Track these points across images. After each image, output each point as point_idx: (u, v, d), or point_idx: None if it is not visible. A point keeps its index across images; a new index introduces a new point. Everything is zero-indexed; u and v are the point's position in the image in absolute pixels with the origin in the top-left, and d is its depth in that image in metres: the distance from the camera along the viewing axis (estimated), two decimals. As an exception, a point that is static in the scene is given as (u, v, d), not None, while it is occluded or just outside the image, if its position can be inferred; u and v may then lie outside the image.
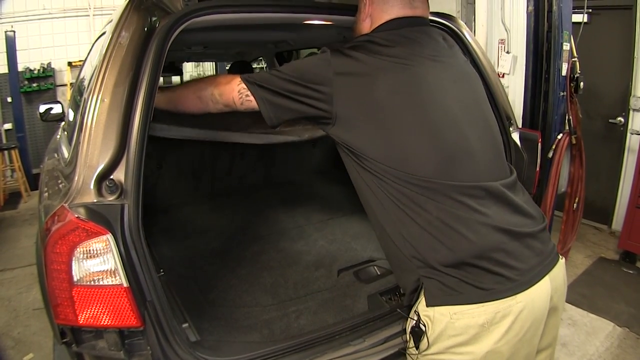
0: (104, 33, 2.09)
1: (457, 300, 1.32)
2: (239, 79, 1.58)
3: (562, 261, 1.49)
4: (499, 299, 1.31)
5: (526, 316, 1.33)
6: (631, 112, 4.50)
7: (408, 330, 1.45)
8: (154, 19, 1.60)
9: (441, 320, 1.33)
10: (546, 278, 1.39)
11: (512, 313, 1.31)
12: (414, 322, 1.40)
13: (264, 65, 6.26)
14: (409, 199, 1.37)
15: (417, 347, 1.41)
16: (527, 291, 1.33)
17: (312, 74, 1.48)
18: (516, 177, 1.56)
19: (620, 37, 4.56)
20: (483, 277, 1.32)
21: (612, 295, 3.68)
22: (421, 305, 1.38)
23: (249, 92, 1.55)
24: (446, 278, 1.33)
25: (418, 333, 1.39)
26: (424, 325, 1.37)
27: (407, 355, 1.49)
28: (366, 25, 1.67)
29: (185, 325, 1.73)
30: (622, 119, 4.58)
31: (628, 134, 4.54)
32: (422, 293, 1.38)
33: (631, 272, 4.12)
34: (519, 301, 1.31)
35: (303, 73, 1.49)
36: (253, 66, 5.51)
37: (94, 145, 1.41)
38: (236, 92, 1.58)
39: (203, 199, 3.47)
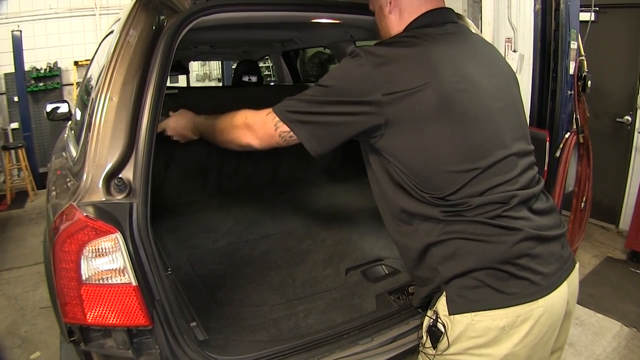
0: (111, 32, 2.09)
1: (480, 307, 1.31)
2: (275, 119, 1.45)
3: (577, 265, 1.48)
4: (522, 303, 1.30)
5: (545, 321, 1.33)
6: (638, 111, 4.48)
7: (425, 329, 1.43)
8: (162, 17, 1.59)
9: (462, 321, 1.32)
10: (565, 283, 1.39)
11: (532, 317, 1.30)
12: (432, 321, 1.39)
13: (271, 64, 6.25)
14: (444, 206, 1.34)
15: (434, 347, 1.40)
16: (548, 296, 1.33)
17: (354, 85, 1.34)
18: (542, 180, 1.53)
19: (627, 36, 4.54)
20: (508, 281, 1.31)
21: (619, 295, 3.66)
22: (440, 304, 1.37)
23: (291, 133, 1.43)
24: (470, 282, 1.32)
25: (436, 333, 1.38)
26: (443, 326, 1.36)
27: (422, 354, 1.47)
28: (394, 20, 1.55)
29: (193, 324, 1.73)
30: (630, 118, 4.56)
31: (635, 133, 4.52)
32: (442, 294, 1.37)
33: (638, 271, 4.09)
34: (540, 305, 1.31)
35: (344, 89, 1.36)
36: (259, 65, 5.50)
37: (103, 144, 1.41)
38: (277, 136, 1.46)
39: (210, 198, 3.48)
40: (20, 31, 6.89)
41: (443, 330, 1.36)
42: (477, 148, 1.34)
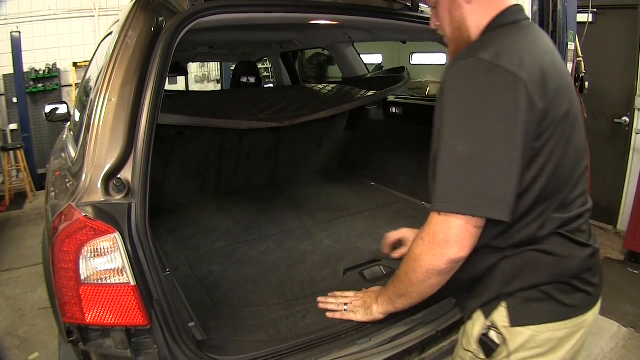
0: (110, 33, 2.10)
1: (545, 319, 1.31)
2: (457, 227, 1.20)
3: None
4: (580, 315, 1.33)
5: (590, 329, 1.38)
6: (636, 112, 4.49)
7: (476, 339, 1.40)
8: (160, 19, 1.60)
9: (524, 333, 1.32)
10: None
11: (584, 327, 1.35)
12: (485, 331, 1.37)
13: (269, 66, 6.26)
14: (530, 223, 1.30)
15: (487, 356, 1.38)
16: (596, 305, 1.38)
17: (523, 117, 1.14)
18: None
19: (625, 37, 4.55)
20: (571, 294, 1.33)
21: (617, 295, 3.67)
22: (499, 315, 1.35)
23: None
24: (536, 294, 1.32)
25: (490, 344, 1.36)
26: (501, 336, 1.34)
27: None
28: (474, 23, 1.34)
29: (191, 324, 1.73)
30: (627, 119, 4.57)
31: (633, 134, 4.53)
32: (501, 305, 1.35)
33: (636, 272, 4.10)
34: (591, 315, 1.35)
35: (516, 129, 1.14)
36: (258, 66, 5.52)
37: (102, 145, 1.42)
38: (467, 246, 1.23)
39: (209, 198, 3.48)
40: (19, 32, 6.89)
41: (498, 342, 1.35)
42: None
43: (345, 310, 1.76)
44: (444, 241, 1.23)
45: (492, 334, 1.35)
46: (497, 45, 1.20)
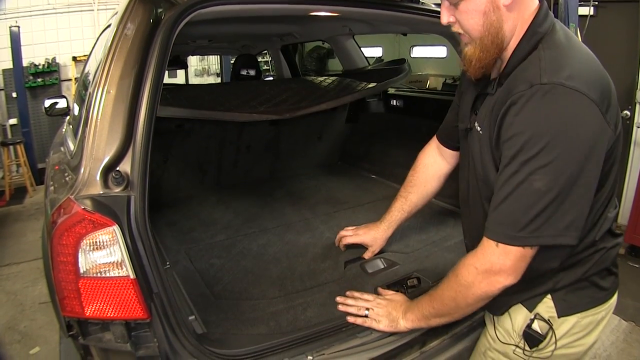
0: (109, 26, 2.08)
1: (589, 305, 1.36)
2: (516, 258, 1.21)
3: None
4: (612, 296, 1.42)
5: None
6: (637, 105, 4.48)
7: (519, 331, 1.42)
8: (159, 10, 1.59)
9: (570, 320, 1.36)
10: None
11: (613, 306, 1.43)
12: (529, 323, 1.39)
13: (269, 59, 6.25)
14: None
15: (531, 347, 1.40)
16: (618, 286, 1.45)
17: (601, 143, 1.15)
18: None
19: (626, 30, 4.52)
20: (607, 278, 1.39)
21: (618, 289, 3.65)
22: (544, 307, 1.37)
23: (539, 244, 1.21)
24: (582, 284, 1.36)
25: (534, 335, 1.38)
26: (549, 325, 1.36)
27: (519, 356, 1.44)
28: (509, 27, 1.25)
29: (191, 317, 1.73)
30: (628, 113, 4.55)
31: (634, 128, 4.52)
32: (546, 296, 1.37)
33: (637, 266, 4.11)
34: (616, 295, 1.44)
35: (592, 153, 1.13)
36: (258, 59, 5.50)
37: (100, 137, 1.40)
38: (522, 272, 1.25)
39: (209, 191, 3.47)
40: (18, 27, 6.88)
41: (542, 332, 1.37)
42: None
43: (367, 316, 1.71)
44: (500, 271, 1.24)
45: (536, 326, 1.38)
46: (569, 66, 1.14)
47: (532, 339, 1.38)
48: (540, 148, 1.10)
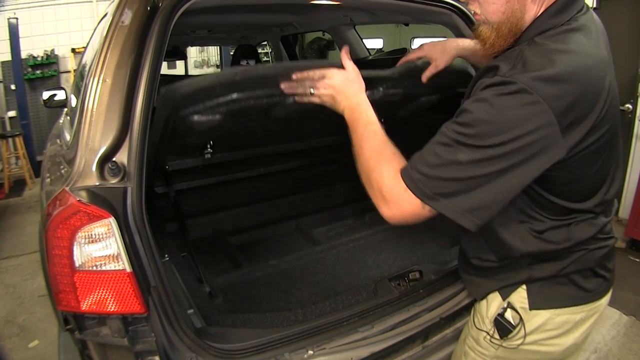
0: (106, 14, 2.05)
1: (564, 303, 1.33)
2: (415, 200, 1.14)
3: None
4: (597, 299, 1.36)
5: (602, 313, 1.42)
6: (639, 98, 4.45)
7: (490, 319, 1.41)
8: None
9: (542, 315, 1.33)
10: None
11: (598, 311, 1.38)
12: (502, 312, 1.38)
13: (269, 50, 6.20)
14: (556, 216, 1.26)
15: (501, 337, 1.39)
16: (610, 290, 1.41)
17: (543, 154, 1.06)
18: None
19: (629, 23, 4.49)
20: (590, 279, 1.34)
21: (618, 283, 3.58)
22: (517, 297, 1.36)
23: (436, 209, 1.14)
24: (559, 280, 1.33)
25: (506, 325, 1.37)
26: (520, 317, 1.35)
27: (489, 343, 1.43)
28: (530, 12, 1.17)
29: (190, 311, 1.71)
30: (631, 106, 4.52)
31: (636, 121, 4.50)
32: (521, 287, 1.36)
33: (638, 260, 4.10)
34: (605, 300, 1.40)
35: (527, 159, 1.06)
36: (258, 51, 5.46)
37: (96, 127, 1.37)
38: (419, 214, 1.17)
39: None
40: (17, 18, 6.83)
41: (514, 322, 1.36)
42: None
43: (311, 93, 1.56)
44: (392, 202, 1.19)
45: (508, 315, 1.36)
46: (546, 69, 1.04)
47: (502, 327, 1.37)
48: (481, 131, 1.06)
